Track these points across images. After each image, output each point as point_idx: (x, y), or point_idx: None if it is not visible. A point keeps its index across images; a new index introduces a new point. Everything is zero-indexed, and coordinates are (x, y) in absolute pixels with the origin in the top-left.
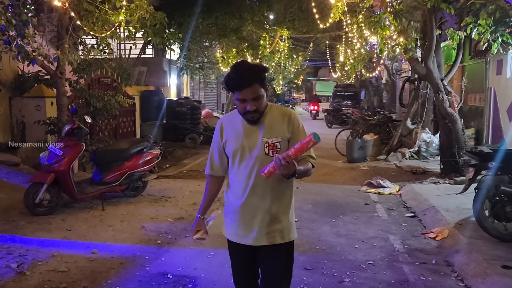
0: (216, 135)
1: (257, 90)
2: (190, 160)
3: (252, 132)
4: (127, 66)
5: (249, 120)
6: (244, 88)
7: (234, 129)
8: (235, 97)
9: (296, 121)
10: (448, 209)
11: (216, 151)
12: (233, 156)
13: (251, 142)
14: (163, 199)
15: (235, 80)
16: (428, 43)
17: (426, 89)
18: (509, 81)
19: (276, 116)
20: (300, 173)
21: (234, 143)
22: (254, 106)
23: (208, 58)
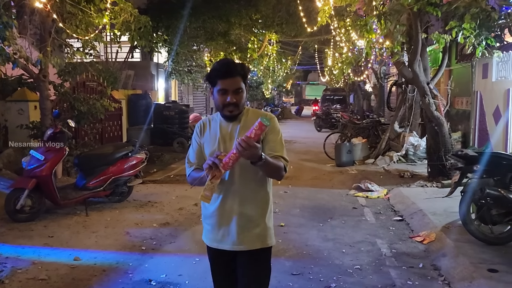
0: (195, 135)
1: (239, 82)
2: (177, 165)
3: (228, 135)
4: (114, 69)
5: (228, 116)
6: (228, 77)
7: (211, 132)
8: (215, 90)
9: (271, 122)
10: (436, 212)
11: (194, 149)
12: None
13: (226, 145)
14: (148, 204)
15: (220, 69)
16: (413, 46)
17: (413, 92)
18: (494, 85)
19: (252, 118)
20: (268, 164)
21: (211, 145)
22: (235, 99)
23: (196, 62)
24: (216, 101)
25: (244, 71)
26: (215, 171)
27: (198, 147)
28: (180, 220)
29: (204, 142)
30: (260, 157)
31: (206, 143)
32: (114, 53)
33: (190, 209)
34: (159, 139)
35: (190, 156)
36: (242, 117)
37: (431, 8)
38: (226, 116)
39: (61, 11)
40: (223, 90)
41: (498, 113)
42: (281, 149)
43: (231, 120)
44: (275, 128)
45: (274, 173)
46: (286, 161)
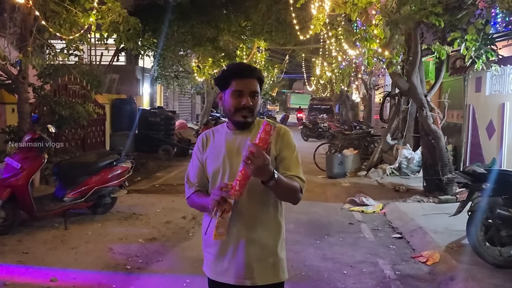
0: (197, 150)
1: (256, 85)
2: (163, 173)
3: (235, 149)
4: (98, 73)
5: (240, 122)
6: (245, 77)
7: (216, 145)
8: (227, 92)
9: (286, 136)
10: (437, 230)
11: (195, 167)
12: (213, 177)
13: (233, 161)
14: (133, 216)
15: (236, 68)
16: (412, 57)
17: (407, 104)
18: (488, 99)
19: None
20: (281, 185)
21: (214, 161)
22: (251, 103)
23: (183, 67)
24: (227, 106)
25: (261, 76)
26: (224, 205)
27: (200, 165)
28: (167, 235)
29: (207, 158)
30: (272, 175)
31: (209, 160)
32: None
33: (178, 223)
34: (144, 146)
35: (190, 174)
36: (253, 128)
37: (434, 18)
38: (238, 123)
39: (44, 9)
40: (238, 91)
41: (491, 127)
42: (297, 168)
43: (242, 129)
44: (290, 144)
45: (289, 196)
46: (303, 182)
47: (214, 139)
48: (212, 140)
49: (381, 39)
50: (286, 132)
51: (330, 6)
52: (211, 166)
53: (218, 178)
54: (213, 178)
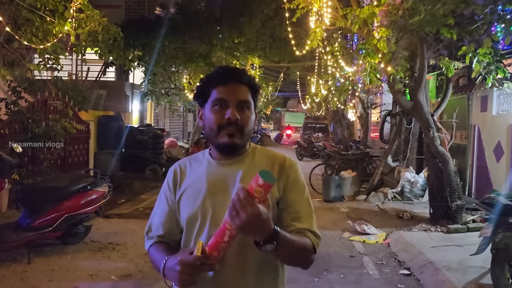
0: (166, 188)
1: (246, 94)
2: (148, 195)
3: (220, 185)
4: (83, 88)
5: (225, 145)
6: (229, 82)
7: (193, 181)
8: (208, 105)
9: (292, 171)
10: (450, 266)
11: (163, 213)
12: (188, 226)
13: (217, 202)
14: (109, 246)
15: (217, 71)
16: (418, 73)
17: (410, 124)
18: (495, 119)
19: (261, 162)
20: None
21: (190, 204)
22: (238, 116)
23: (174, 83)
24: (207, 124)
25: (253, 82)
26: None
27: (169, 209)
28: (145, 271)
29: (181, 199)
30: (271, 234)
31: (184, 202)
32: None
33: None
34: (130, 165)
35: (154, 220)
36: (246, 158)
37: (446, 30)
38: (223, 147)
39: (16, 16)
40: (220, 101)
41: (499, 149)
42: (309, 218)
43: (229, 155)
44: (299, 182)
45: (296, 259)
46: (318, 238)
47: (192, 171)
48: (188, 173)
49: (384, 54)
50: (292, 166)
51: (330, 19)
52: (186, 211)
53: (195, 228)
54: (188, 228)
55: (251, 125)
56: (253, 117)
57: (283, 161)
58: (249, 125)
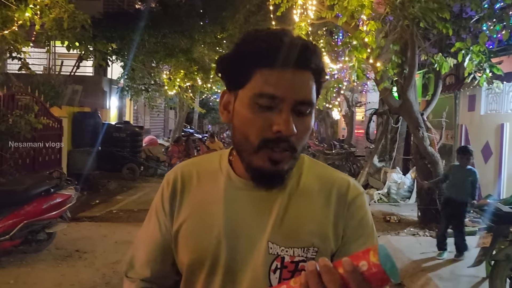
0: (158, 204)
1: (310, 88)
2: (124, 196)
3: (244, 217)
4: (56, 83)
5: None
6: (289, 64)
7: (201, 202)
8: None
9: (359, 207)
10: (442, 276)
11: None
12: (189, 272)
13: (238, 244)
14: (75, 254)
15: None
16: (408, 70)
17: (397, 123)
18: (483, 119)
19: (310, 187)
20: None
21: (195, 240)
22: (294, 130)
23: (154, 79)
24: (241, 128)
25: (322, 67)
26: None
27: (162, 240)
28: (112, 283)
29: (181, 230)
30: None
31: (185, 236)
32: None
33: None
34: (107, 164)
35: (139, 254)
36: (289, 179)
37: (441, 24)
38: (261, 175)
39: None
40: (269, 98)
41: (488, 150)
42: None
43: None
44: (366, 224)
45: None
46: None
47: (200, 188)
48: (194, 189)
49: (373, 49)
50: (358, 197)
51: (315, 13)
52: (188, 251)
53: (199, 279)
54: (188, 275)
55: (307, 137)
56: (312, 124)
57: (344, 189)
58: (305, 140)
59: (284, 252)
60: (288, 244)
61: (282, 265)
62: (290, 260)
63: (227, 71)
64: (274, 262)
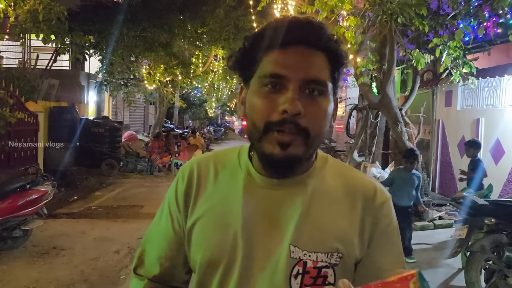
0: (172, 199)
1: (321, 67)
2: (103, 192)
3: (264, 216)
4: (32, 77)
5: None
6: (295, 43)
7: (219, 199)
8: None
9: (385, 213)
10: (419, 267)
11: (164, 237)
12: (204, 271)
13: (255, 241)
14: (53, 252)
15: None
16: (387, 66)
17: (376, 118)
18: (459, 114)
19: (333, 188)
20: None
21: (211, 237)
22: (301, 109)
23: (133, 74)
24: (250, 114)
25: (337, 48)
26: None
27: (174, 236)
28: (91, 280)
29: (195, 227)
30: None
31: (200, 233)
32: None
33: (109, 259)
34: (85, 159)
35: (149, 250)
36: (311, 178)
37: (418, 21)
38: (269, 160)
39: None
40: (274, 77)
41: (463, 144)
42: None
43: (280, 173)
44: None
45: None
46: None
47: (218, 184)
48: (211, 184)
49: (352, 44)
50: (385, 203)
51: (295, 8)
52: (202, 249)
53: (215, 277)
54: (201, 275)
55: (325, 123)
56: (331, 109)
57: (371, 193)
58: (321, 124)
59: (307, 256)
60: (311, 249)
61: (304, 270)
62: (313, 266)
63: (242, 63)
64: (296, 266)
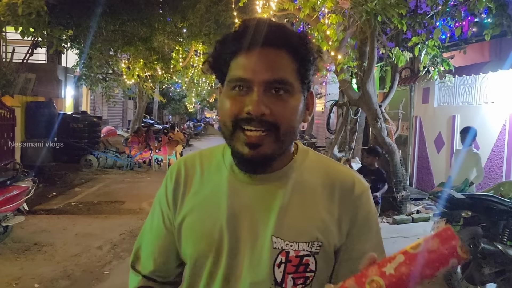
0: (162, 196)
1: (283, 66)
2: (83, 188)
3: (247, 210)
4: (8, 71)
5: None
6: (257, 45)
7: (205, 196)
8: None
9: (364, 203)
10: None
11: (157, 236)
12: (194, 265)
13: (240, 239)
14: (34, 248)
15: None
16: (368, 63)
17: (356, 114)
18: (436, 110)
19: (313, 181)
20: None
21: (200, 232)
22: (267, 109)
23: (112, 68)
24: (220, 114)
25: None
26: None
27: (166, 232)
28: (75, 275)
29: (184, 223)
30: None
31: (189, 229)
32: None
33: (92, 255)
34: (64, 155)
35: (144, 246)
36: (292, 171)
37: (397, 19)
38: (240, 159)
39: None
40: (238, 81)
41: (440, 140)
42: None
43: (254, 169)
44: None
45: None
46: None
47: (204, 180)
48: (197, 182)
49: (333, 41)
50: (363, 194)
51: (277, 4)
52: (192, 243)
53: (204, 271)
54: (193, 265)
55: (295, 119)
56: (300, 105)
57: (349, 184)
58: (290, 119)
59: (289, 246)
60: (293, 239)
61: (287, 260)
62: (295, 255)
63: (215, 67)
64: (279, 256)
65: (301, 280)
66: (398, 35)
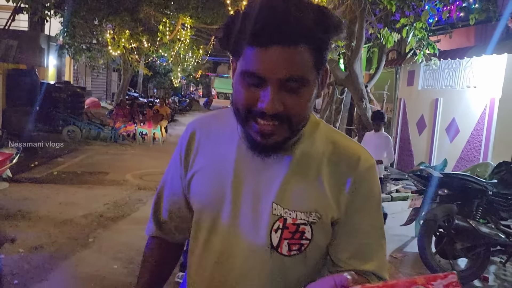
0: (177, 154)
1: (300, 62)
2: (66, 158)
3: (254, 176)
4: None
5: (255, 142)
6: (274, 43)
7: (213, 161)
8: (239, 67)
9: (368, 179)
10: None
11: (172, 187)
12: (200, 215)
13: (242, 202)
14: (18, 214)
15: (258, 20)
16: (356, 43)
17: (342, 94)
18: (420, 93)
19: (322, 154)
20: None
21: (208, 187)
22: (281, 106)
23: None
24: (234, 97)
25: (320, 29)
26: None
27: (182, 187)
28: (59, 242)
29: (192, 181)
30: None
31: (198, 182)
32: None
33: (77, 224)
34: (46, 125)
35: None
36: (300, 142)
37: (386, 0)
38: (252, 142)
39: None
40: (253, 77)
41: (422, 122)
42: (379, 254)
43: (262, 151)
44: (373, 198)
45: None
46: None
47: (214, 147)
48: (207, 146)
49: None
50: (369, 170)
51: None
52: (200, 194)
53: (206, 225)
54: (199, 217)
55: (309, 107)
56: (314, 91)
57: (354, 159)
58: (303, 110)
59: (288, 214)
60: (292, 207)
61: (284, 226)
62: (292, 222)
63: (227, 44)
64: (277, 222)
65: (296, 246)
66: (387, 16)
